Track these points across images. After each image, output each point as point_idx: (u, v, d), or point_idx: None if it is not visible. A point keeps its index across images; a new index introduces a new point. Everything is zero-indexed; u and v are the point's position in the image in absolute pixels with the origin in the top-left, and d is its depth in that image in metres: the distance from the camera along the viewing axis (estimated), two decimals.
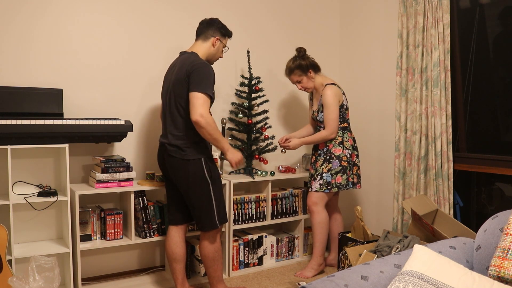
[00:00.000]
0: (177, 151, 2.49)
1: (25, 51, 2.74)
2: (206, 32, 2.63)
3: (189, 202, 2.56)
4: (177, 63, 2.57)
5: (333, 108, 3.02)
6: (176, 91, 2.48)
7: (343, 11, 3.96)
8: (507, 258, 1.61)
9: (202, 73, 2.41)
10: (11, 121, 2.43)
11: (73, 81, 2.89)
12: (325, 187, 3.08)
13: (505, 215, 1.80)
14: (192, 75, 2.40)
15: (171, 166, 2.53)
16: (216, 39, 2.64)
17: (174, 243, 2.65)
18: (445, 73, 2.97)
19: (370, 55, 3.70)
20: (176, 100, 2.48)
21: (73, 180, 2.93)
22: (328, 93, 3.03)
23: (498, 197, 3.06)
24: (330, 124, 3.04)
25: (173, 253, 2.64)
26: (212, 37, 2.63)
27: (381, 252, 2.53)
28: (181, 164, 2.49)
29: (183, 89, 2.44)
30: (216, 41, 2.64)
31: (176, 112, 2.49)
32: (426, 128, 3.08)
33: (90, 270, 3.01)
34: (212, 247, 2.61)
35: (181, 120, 2.48)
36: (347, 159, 3.09)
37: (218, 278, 2.67)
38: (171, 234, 2.67)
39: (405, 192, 3.23)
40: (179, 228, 2.68)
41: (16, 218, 2.74)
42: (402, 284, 1.45)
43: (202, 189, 2.52)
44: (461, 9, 3.13)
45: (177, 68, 2.52)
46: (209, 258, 2.62)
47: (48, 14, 2.79)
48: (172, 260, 2.66)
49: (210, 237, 2.60)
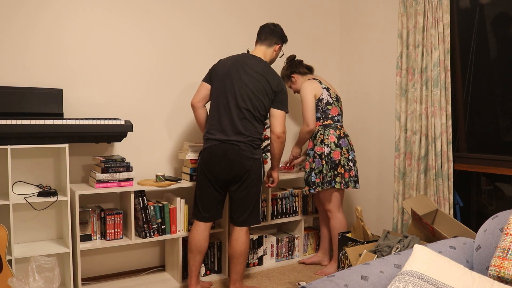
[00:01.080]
0: (248, 150, 2.64)
1: (25, 51, 2.74)
2: (271, 39, 2.81)
3: (241, 198, 2.67)
4: (254, 66, 2.68)
5: (306, 101, 3.10)
6: (258, 99, 2.65)
7: (343, 11, 3.96)
8: (507, 258, 1.61)
9: (286, 95, 2.75)
10: (11, 121, 2.43)
11: (73, 81, 2.89)
12: (309, 186, 3.14)
13: (505, 215, 1.80)
14: (280, 95, 2.71)
15: (234, 161, 2.61)
16: (279, 46, 2.84)
17: (204, 237, 2.74)
18: (445, 73, 2.97)
19: (370, 55, 3.70)
20: (255, 106, 2.64)
21: (73, 180, 2.93)
22: (303, 87, 3.15)
23: (498, 197, 3.06)
24: (304, 116, 3.12)
25: (201, 246, 2.74)
26: (275, 44, 2.82)
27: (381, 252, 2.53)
28: (248, 161, 2.64)
29: (266, 100, 2.67)
30: (278, 49, 2.84)
31: (253, 116, 2.65)
32: (426, 128, 3.08)
33: (90, 270, 3.01)
34: (248, 243, 2.74)
35: (256, 123, 2.67)
36: (325, 157, 3.09)
37: (243, 275, 2.78)
38: (201, 228, 2.74)
39: (405, 192, 3.23)
40: (209, 224, 2.77)
41: (16, 218, 2.74)
42: (402, 284, 1.45)
43: (258, 187, 2.72)
44: (461, 9, 3.13)
45: (259, 75, 2.65)
46: (244, 254, 2.73)
47: (48, 14, 2.79)
48: (197, 252, 2.73)
49: (248, 233, 2.74)
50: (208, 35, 3.36)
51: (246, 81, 2.63)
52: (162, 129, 3.22)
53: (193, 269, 2.76)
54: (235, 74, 2.65)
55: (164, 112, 3.21)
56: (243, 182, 2.66)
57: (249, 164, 2.63)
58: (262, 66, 2.69)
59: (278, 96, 2.69)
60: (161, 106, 3.20)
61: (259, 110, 2.66)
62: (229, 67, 2.68)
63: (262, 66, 2.69)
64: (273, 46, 2.82)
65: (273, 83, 2.67)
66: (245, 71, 2.65)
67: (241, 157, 2.61)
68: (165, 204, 2.92)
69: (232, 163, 2.61)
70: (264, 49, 2.80)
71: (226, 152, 2.61)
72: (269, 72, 2.69)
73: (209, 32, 3.36)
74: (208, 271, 3.13)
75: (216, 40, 3.39)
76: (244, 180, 2.66)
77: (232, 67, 2.67)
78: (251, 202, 2.70)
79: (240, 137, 2.61)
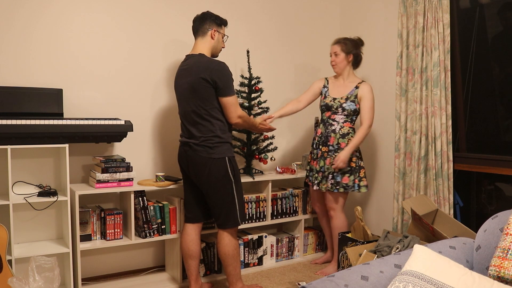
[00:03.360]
0: (204, 150, 2.56)
1: (25, 51, 2.74)
2: (203, 27, 2.65)
3: (212, 200, 2.62)
4: (189, 67, 2.59)
5: (373, 104, 3.05)
6: (199, 96, 2.53)
7: (343, 11, 3.96)
8: (507, 258, 1.61)
9: (225, 76, 2.53)
10: (11, 121, 2.43)
11: (73, 81, 2.89)
12: (335, 187, 3.04)
13: (505, 215, 1.80)
14: (218, 81, 2.51)
15: (195, 164, 2.58)
16: (214, 31, 2.66)
17: (191, 240, 2.71)
18: (445, 73, 2.97)
19: (370, 55, 3.70)
20: (197, 104, 2.54)
21: (73, 180, 2.93)
22: (370, 89, 3.05)
23: (498, 197, 3.06)
24: (370, 118, 3.02)
25: (189, 250, 2.71)
26: (209, 30, 2.65)
27: (381, 252, 2.53)
28: (207, 162, 2.56)
29: (205, 93, 2.52)
30: (214, 33, 2.67)
31: (200, 116, 2.55)
32: (426, 128, 3.08)
33: (90, 270, 3.01)
34: (232, 245, 2.66)
35: (206, 122, 2.56)
36: (356, 160, 3.06)
37: (237, 276, 2.71)
38: (187, 231, 2.73)
39: (405, 192, 3.23)
40: (195, 226, 2.74)
41: (16, 218, 2.74)
42: (402, 284, 1.45)
43: (226, 187, 2.60)
44: (461, 9, 3.13)
45: (192, 74, 2.55)
46: (230, 256, 2.66)
47: (48, 14, 2.78)
48: (188, 257, 2.71)
49: (230, 234, 2.66)
50: None
51: (183, 84, 2.59)
52: (162, 129, 3.22)
53: (188, 273, 2.76)
54: (180, 82, 2.63)
55: (164, 112, 3.21)
56: (207, 183, 2.58)
57: (206, 165, 2.55)
58: (194, 61, 2.57)
59: (218, 83, 2.51)
60: (161, 106, 3.20)
61: (203, 107, 2.54)
62: (177, 76, 2.68)
63: (194, 61, 2.57)
64: (208, 33, 2.64)
65: (206, 73, 2.50)
66: (182, 74, 2.62)
67: (197, 158, 2.57)
68: (165, 204, 2.92)
69: (193, 165, 2.60)
70: (200, 40, 2.66)
71: (186, 154, 2.63)
72: (200, 65, 2.53)
73: None
74: (208, 271, 3.13)
75: None
76: (207, 182, 2.58)
77: (179, 76, 2.65)
78: (223, 203, 2.61)
79: (194, 140, 2.58)
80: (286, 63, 3.76)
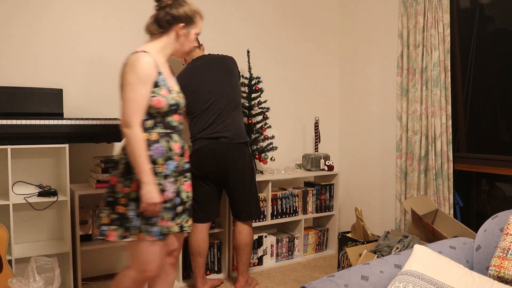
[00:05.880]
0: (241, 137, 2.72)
1: (26, 51, 2.74)
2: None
3: (240, 191, 2.74)
4: (206, 62, 2.76)
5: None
6: (236, 81, 2.78)
7: (344, 11, 3.97)
8: (507, 258, 1.61)
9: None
10: (11, 121, 2.43)
11: (73, 81, 2.89)
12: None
13: (505, 215, 1.80)
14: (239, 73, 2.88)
15: (228, 159, 2.67)
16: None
17: (201, 238, 2.77)
18: (445, 73, 2.97)
19: (370, 55, 3.70)
20: (236, 91, 2.77)
21: (73, 180, 2.93)
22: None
23: (498, 197, 3.06)
24: None
25: (200, 248, 2.77)
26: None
27: (381, 252, 2.53)
28: (244, 150, 2.72)
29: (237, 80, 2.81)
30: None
31: (238, 102, 2.78)
32: (426, 128, 3.08)
33: (90, 270, 3.01)
34: (252, 234, 2.82)
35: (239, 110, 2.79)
36: None
37: (248, 266, 2.86)
38: (198, 229, 2.78)
39: (407, 192, 3.23)
40: (206, 225, 2.81)
41: (16, 218, 2.74)
42: (402, 284, 1.45)
43: (252, 178, 2.78)
44: (461, 9, 3.13)
45: (218, 63, 2.75)
46: (250, 245, 2.81)
47: (48, 15, 2.78)
48: (197, 254, 2.77)
49: (250, 225, 2.81)
50: (208, 36, 3.36)
51: (208, 78, 2.76)
52: None
53: (196, 270, 2.80)
54: (197, 77, 2.78)
55: None
56: (242, 173, 2.75)
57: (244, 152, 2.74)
58: (211, 58, 2.82)
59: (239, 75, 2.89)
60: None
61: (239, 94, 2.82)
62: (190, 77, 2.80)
63: (211, 58, 2.82)
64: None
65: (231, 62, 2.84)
66: (200, 71, 2.77)
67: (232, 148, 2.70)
68: None
69: (217, 159, 2.72)
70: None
71: (215, 150, 2.73)
72: (219, 57, 2.82)
73: (209, 33, 3.36)
74: (208, 271, 3.13)
75: (216, 41, 3.39)
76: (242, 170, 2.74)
77: (192, 75, 2.79)
78: (250, 194, 2.79)
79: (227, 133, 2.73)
80: (286, 63, 3.76)
